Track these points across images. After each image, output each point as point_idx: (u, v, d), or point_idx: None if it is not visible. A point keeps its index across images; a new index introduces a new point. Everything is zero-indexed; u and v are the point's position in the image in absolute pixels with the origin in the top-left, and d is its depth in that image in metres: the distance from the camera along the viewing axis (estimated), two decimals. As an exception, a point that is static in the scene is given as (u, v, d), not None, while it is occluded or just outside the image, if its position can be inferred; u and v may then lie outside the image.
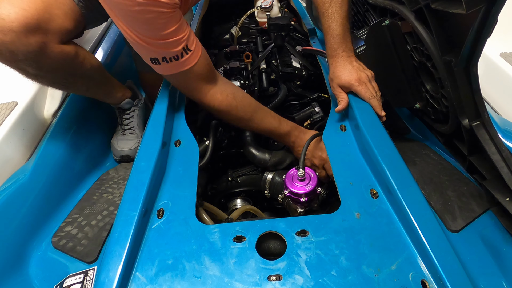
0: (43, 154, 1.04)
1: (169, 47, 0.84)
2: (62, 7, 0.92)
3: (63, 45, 0.93)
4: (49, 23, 0.87)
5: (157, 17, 0.79)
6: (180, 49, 0.85)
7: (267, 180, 1.00)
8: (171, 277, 0.64)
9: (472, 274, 0.65)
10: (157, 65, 0.87)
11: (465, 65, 0.80)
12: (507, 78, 1.27)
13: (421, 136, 1.18)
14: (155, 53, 0.85)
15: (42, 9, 0.85)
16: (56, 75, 0.98)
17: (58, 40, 0.90)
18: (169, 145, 0.90)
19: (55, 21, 0.88)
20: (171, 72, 0.89)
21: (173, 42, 0.84)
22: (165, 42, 0.83)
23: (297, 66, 1.22)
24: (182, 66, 0.88)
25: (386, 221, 0.71)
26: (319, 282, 0.61)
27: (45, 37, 0.86)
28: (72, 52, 0.96)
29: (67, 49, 0.94)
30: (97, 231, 0.86)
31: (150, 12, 0.77)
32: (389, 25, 0.99)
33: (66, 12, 0.93)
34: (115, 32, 1.71)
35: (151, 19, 0.78)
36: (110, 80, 1.19)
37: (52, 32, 0.88)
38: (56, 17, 0.89)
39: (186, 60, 0.87)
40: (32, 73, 0.93)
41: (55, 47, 0.89)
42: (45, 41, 0.86)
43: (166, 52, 0.84)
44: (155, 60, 0.86)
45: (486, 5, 0.66)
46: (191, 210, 0.75)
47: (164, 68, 0.88)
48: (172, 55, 0.85)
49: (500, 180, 0.79)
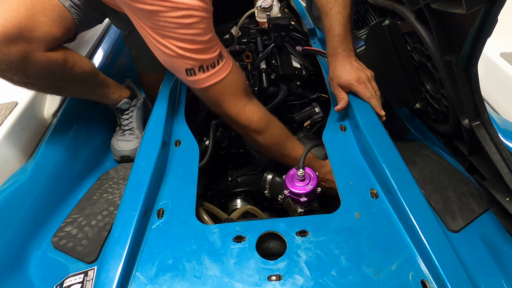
0: (43, 154, 1.04)
1: (207, 53, 0.82)
2: (50, 14, 0.90)
3: (50, 52, 0.91)
4: (33, 31, 0.85)
5: (199, 22, 0.77)
6: (216, 56, 0.83)
7: (267, 180, 1.00)
8: (171, 277, 0.64)
9: (472, 274, 0.65)
10: (192, 77, 0.84)
11: (465, 65, 0.80)
12: (507, 78, 1.27)
13: (421, 136, 1.18)
14: (193, 62, 0.81)
15: (25, 17, 0.83)
16: (46, 81, 0.96)
17: (44, 48, 0.88)
18: (169, 145, 0.90)
19: (40, 29, 0.87)
20: (208, 83, 0.85)
21: (210, 48, 0.82)
22: (204, 47, 0.80)
23: (297, 66, 1.22)
24: (219, 74, 0.85)
25: (386, 221, 0.71)
26: (319, 282, 0.61)
27: (29, 46, 0.85)
28: (60, 59, 0.94)
29: (55, 56, 0.92)
30: (97, 231, 0.86)
31: (192, 16, 0.75)
32: (389, 25, 0.99)
33: (54, 19, 0.91)
34: (115, 32, 1.71)
35: (193, 24, 0.76)
36: (105, 82, 1.17)
37: (37, 41, 0.86)
38: (42, 24, 0.87)
39: (221, 67, 0.85)
40: (19, 81, 0.92)
41: (40, 55, 0.88)
42: (28, 50, 0.85)
43: (204, 59, 0.82)
44: (191, 71, 0.83)
45: (486, 5, 0.66)
46: (191, 210, 0.75)
47: (201, 79, 0.84)
48: (210, 63, 0.83)
49: (500, 180, 0.79)
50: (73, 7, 0.98)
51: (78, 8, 1.00)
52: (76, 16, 0.99)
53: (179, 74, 0.86)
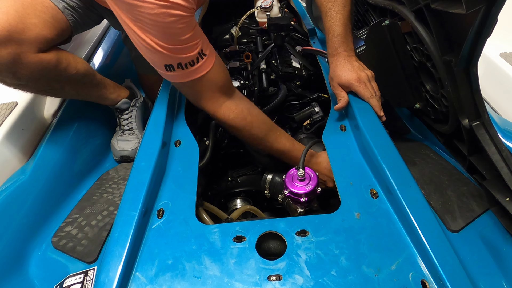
0: (43, 154, 1.04)
1: (186, 52, 0.81)
2: (42, 16, 0.90)
3: (42, 53, 0.90)
4: (23, 33, 0.85)
5: (178, 21, 0.76)
6: (196, 54, 0.83)
7: (267, 180, 1.00)
8: (171, 277, 0.64)
9: (472, 274, 0.65)
10: (171, 73, 0.84)
11: (465, 65, 0.80)
12: (507, 78, 1.27)
13: (421, 136, 1.18)
14: (171, 59, 0.81)
15: (15, 19, 0.83)
16: (39, 83, 0.96)
17: (35, 50, 0.88)
18: (169, 145, 0.90)
19: (31, 31, 0.86)
20: (186, 79, 0.86)
21: (190, 47, 0.81)
22: (182, 47, 0.80)
23: (297, 66, 1.22)
24: (197, 72, 0.85)
25: (386, 221, 0.71)
26: (319, 282, 0.61)
27: (19, 47, 0.85)
28: (53, 60, 0.93)
29: (47, 57, 0.92)
30: (97, 231, 0.86)
31: (171, 15, 0.75)
32: (389, 25, 0.99)
33: (46, 20, 0.91)
34: (115, 32, 1.71)
35: (171, 23, 0.76)
36: (102, 82, 1.16)
37: (28, 42, 0.86)
38: (33, 26, 0.87)
39: (201, 65, 0.84)
40: (11, 83, 0.92)
41: (31, 57, 0.88)
42: (19, 52, 0.85)
43: (182, 57, 0.81)
44: (170, 67, 0.82)
45: (486, 5, 0.66)
46: (191, 210, 0.75)
47: (179, 75, 0.85)
48: (188, 61, 0.82)
49: (500, 180, 0.79)
50: (68, 9, 0.98)
51: (73, 9, 0.99)
52: (70, 18, 0.99)
53: (158, 68, 0.85)
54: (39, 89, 1.00)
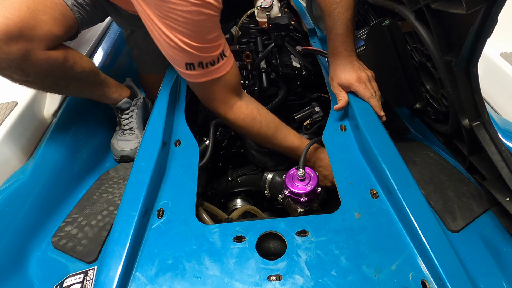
0: (43, 154, 1.04)
1: (209, 51, 0.82)
2: (52, 13, 0.90)
3: (50, 51, 0.91)
4: (34, 30, 0.85)
5: (207, 20, 0.77)
6: (218, 54, 0.83)
7: (267, 180, 1.00)
8: (171, 277, 0.64)
9: (472, 274, 0.65)
10: (190, 71, 0.84)
11: (465, 65, 0.80)
12: (507, 78, 1.27)
13: (421, 136, 1.17)
14: (194, 57, 0.81)
15: (26, 16, 0.83)
16: (45, 80, 0.96)
17: (45, 47, 0.88)
18: (169, 145, 0.90)
19: (41, 28, 0.86)
20: (204, 79, 0.86)
21: (214, 47, 0.82)
22: (207, 46, 0.80)
23: (297, 66, 1.22)
24: (217, 72, 0.85)
25: (386, 221, 0.71)
26: (319, 282, 0.61)
27: (29, 44, 0.85)
28: (61, 57, 0.94)
29: (55, 55, 0.92)
30: (97, 231, 0.86)
31: (201, 14, 0.75)
32: (389, 25, 0.99)
33: (56, 17, 0.91)
34: (115, 32, 1.71)
35: (201, 21, 0.76)
36: (105, 81, 1.17)
37: (38, 39, 0.86)
38: (43, 23, 0.87)
39: (220, 66, 0.85)
40: (18, 79, 0.92)
41: (40, 54, 0.88)
42: (29, 49, 0.85)
43: (205, 56, 0.82)
44: (191, 65, 0.82)
45: (486, 5, 0.66)
46: (191, 210, 0.75)
47: (198, 74, 0.85)
48: (209, 60, 0.83)
49: (500, 180, 0.79)
50: (76, 6, 0.98)
51: (80, 6, 1.00)
52: (78, 15, 0.99)
53: (178, 66, 0.86)
54: (44, 86, 1.01)
